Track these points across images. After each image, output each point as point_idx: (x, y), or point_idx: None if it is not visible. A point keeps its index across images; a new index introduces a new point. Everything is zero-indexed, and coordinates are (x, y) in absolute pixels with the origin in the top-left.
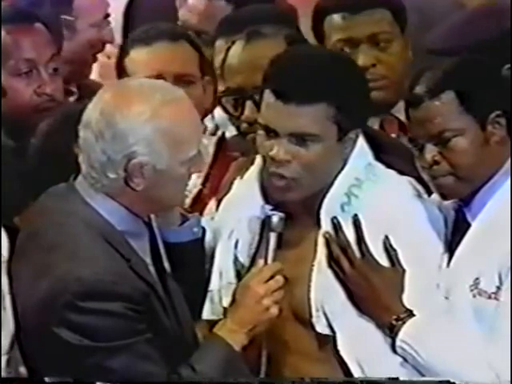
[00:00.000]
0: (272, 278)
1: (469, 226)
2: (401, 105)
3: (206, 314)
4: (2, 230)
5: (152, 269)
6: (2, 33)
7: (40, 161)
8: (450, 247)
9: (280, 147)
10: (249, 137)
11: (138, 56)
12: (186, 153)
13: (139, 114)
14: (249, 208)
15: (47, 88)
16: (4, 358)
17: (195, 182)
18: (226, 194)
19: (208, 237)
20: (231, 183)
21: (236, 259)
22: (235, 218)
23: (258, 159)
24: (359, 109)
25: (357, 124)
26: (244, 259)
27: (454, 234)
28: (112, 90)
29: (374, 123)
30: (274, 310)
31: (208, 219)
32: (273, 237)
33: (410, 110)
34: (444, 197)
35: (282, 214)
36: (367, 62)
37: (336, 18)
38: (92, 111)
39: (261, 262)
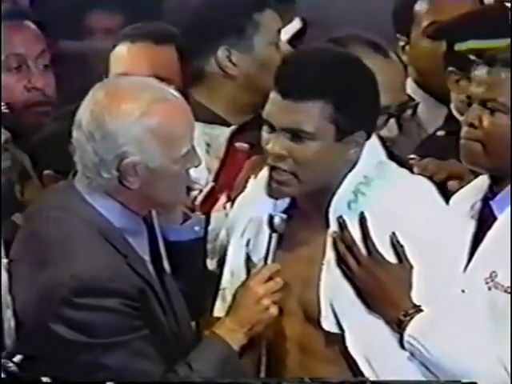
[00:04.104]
0: (271, 278)
1: (495, 219)
2: None
3: (217, 311)
4: None
5: (150, 266)
6: None
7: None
8: (475, 240)
9: (276, 142)
10: None
11: (119, 52)
12: (179, 150)
13: (128, 113)
14: (261, 207)
15: (38, 83)
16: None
17: (207, 179)
18: (240, 193)
19: (222, 234)
20: (246, 181)
21: (248, 258)
22: (248, 217)
23: None
24: (362, 110)
25: (359, 126)
26: (256, 258)
27: (480, 226)
28: (101, 89)
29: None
30: (274, 310)
31: (222, 216)
32: (274, 237)
33: (480, 67)
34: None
35: (283, 215)
36: None
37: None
38: (83, 112)
39: (260, 262)
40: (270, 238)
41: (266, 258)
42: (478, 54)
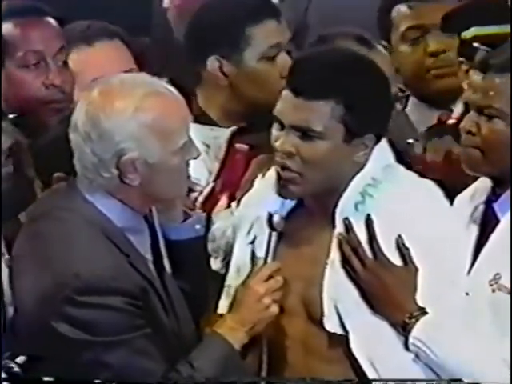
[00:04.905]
0: (271, 277)
1: (498, 221)
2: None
3: (222, 308)
4: None
5: (152, 265)
6: (11, 26)
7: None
8: (479, 243)
9: (285, 139)
10: None
11: (80, 58)
12: (176, 142)
13: (122, 110)
14: (268, 206)
15: (56, 80)
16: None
17: (207, 179)
18: (246, 192)
19: (228, 232)
20: (252, 181)
21: (254, 255)
22: (254, 215)
23: None
24: (372, 113)
25: (369, 129)
26: (261, 256)
27: (483, 229)
28: (94, 90)
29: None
30: (274, 309)
31: (227, 215)
32: (273, 236)
33: (477, 73)
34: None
35: (282, 214)
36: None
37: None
38: (78, 114)
39: (260, 261)
40: (270, 236)
41: (265, 257)
42: (483, 42)
